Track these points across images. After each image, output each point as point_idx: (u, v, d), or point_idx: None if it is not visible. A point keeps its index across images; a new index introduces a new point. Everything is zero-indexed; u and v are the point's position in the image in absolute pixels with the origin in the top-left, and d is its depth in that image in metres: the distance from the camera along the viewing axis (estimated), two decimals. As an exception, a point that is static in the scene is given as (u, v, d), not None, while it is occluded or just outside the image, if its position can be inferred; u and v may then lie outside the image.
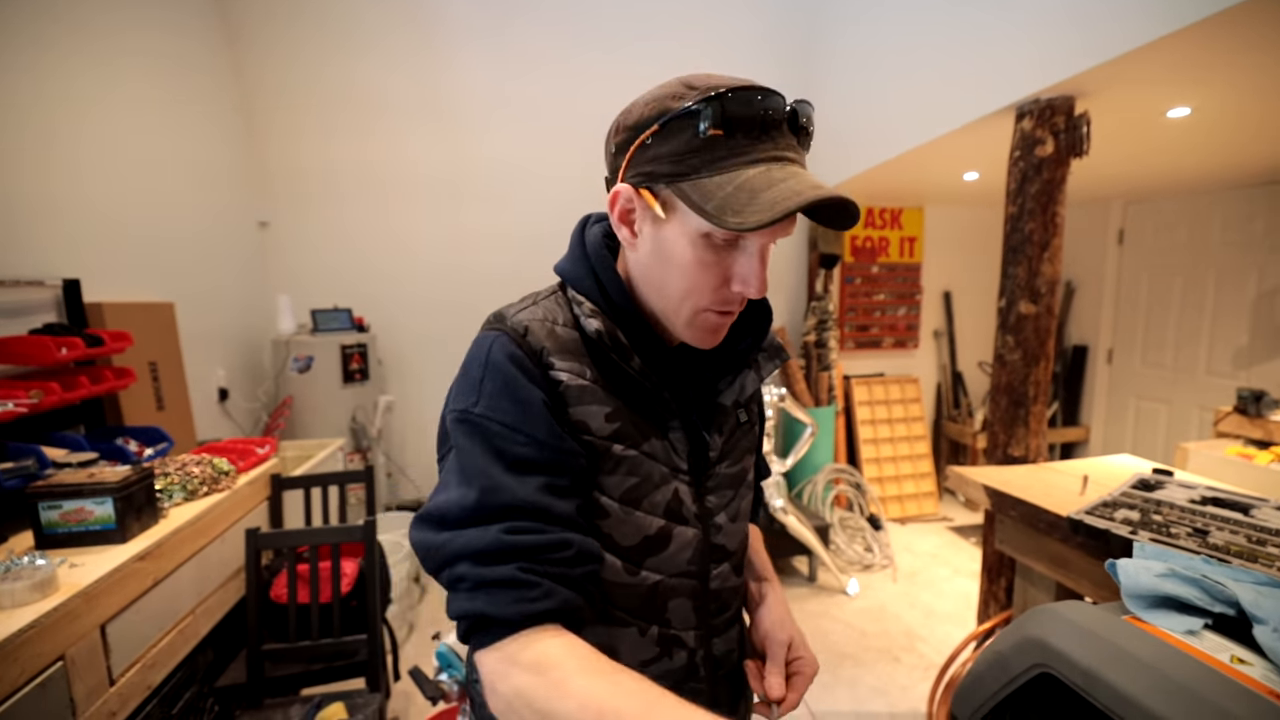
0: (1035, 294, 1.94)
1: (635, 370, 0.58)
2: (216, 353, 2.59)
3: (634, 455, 0.58)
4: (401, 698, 2.03)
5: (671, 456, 0.60)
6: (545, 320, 0.58)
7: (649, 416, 0.59)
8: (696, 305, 0.55)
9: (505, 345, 0.55)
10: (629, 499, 0.57)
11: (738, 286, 0.53)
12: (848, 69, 3.01)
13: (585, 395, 0.56)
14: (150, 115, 2.21)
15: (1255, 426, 2.15)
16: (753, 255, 0.52)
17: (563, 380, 0.55)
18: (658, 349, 0.61)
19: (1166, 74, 1.65)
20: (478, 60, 3.14)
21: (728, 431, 0.64)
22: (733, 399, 0.63)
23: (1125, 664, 0.50)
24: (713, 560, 0.63)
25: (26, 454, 1.36)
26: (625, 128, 0.54)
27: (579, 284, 0.61)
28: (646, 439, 0.58)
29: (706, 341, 0.58)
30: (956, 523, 3.59)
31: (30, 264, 1.64)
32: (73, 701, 1.02)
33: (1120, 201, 3.69)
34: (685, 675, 0.62)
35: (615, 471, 0.57)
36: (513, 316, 0.58)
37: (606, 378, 0.58)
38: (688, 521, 0.60)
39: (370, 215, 3.15)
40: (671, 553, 0.60)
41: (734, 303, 0.55)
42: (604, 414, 0.56)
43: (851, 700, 2.07)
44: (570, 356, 0.56)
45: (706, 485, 0.62)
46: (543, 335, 0.56)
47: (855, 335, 3.89)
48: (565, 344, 0.57)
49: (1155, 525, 1.19)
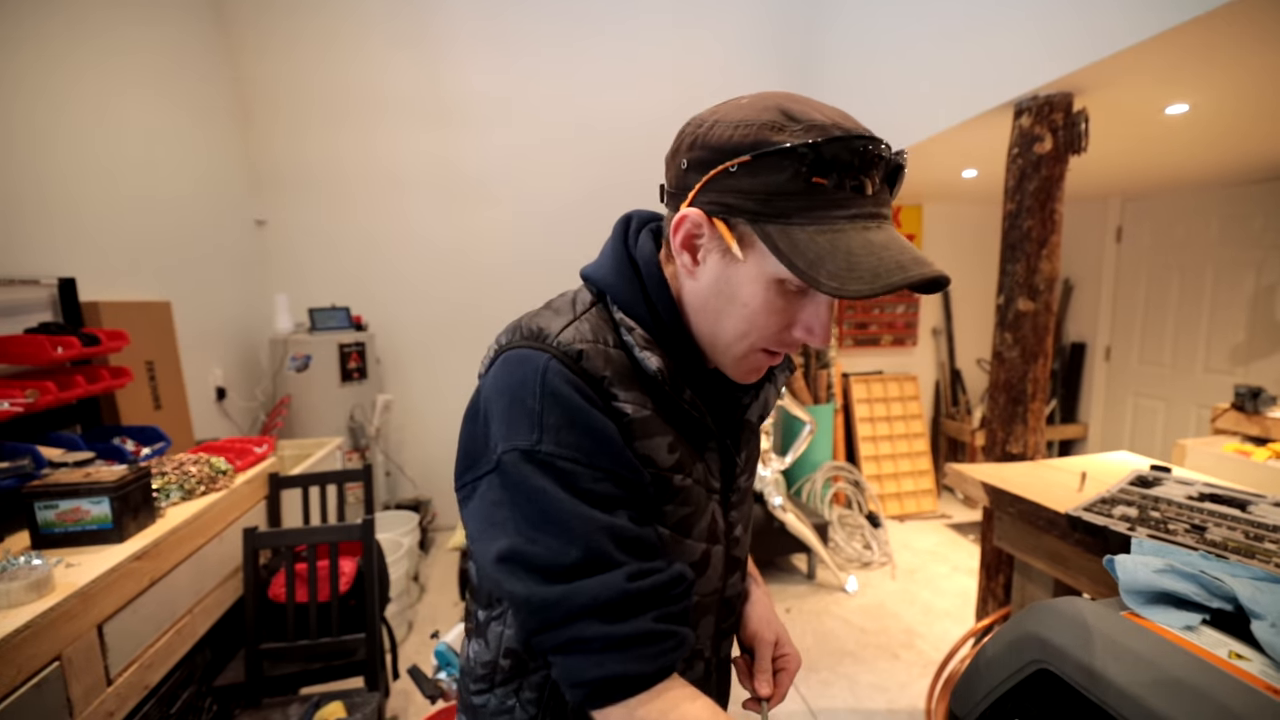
0: (1034, 291, 1.94)
1: (687, 402, 0.56)
2: (214, 352, 2.58)
3: (690, 485, 0.56)
4: (400, 696, 2.03)
5: (709, 478, 0.59)
6: (597, 343, 0.53)
7: (694, 442, 0.58)
8: (752, 346, 0.53)
9: (561, 372, 0.49)
10: (681, 527, 0.56)
11: (799, 333, 0.51)
12: (846, 65, 3.01)
13: (650, 427, 0.52)
14: (146, 113, 2.20)
15: (1252, 423, 2.16)
16: (822, 305, 0.50)
17: (628, 413, 0.51)
18: (700, 375, 0.59)
19: (1165, 70, 1.65)
20: (476, 57, 3.13)
21: (750, 446, 0.65)
22: (757, 414, 0.63)
23: (1124, 660, 0.50)
24: (730, 572, 0.63)
25: (22, 453, 1.36)
26: (706, 146, 0.48)
27: (629, 307, 0.55)
28: (694, 465, 0.57)
29: (750, 379, 0.57)
30: (955, 520, 3.60)
31: (26, 263, 1.64)
32: (70, 701, 1.01)
33: (1118, 199, 3.69)
34: (701, 683, 0.63)
35: (673, 501, 0.55)
36: (557, 335, 0.52)
37: (661, 407, 0.55)
38: (719, 540, 0.60)
39: (368, 213, 3.14)
40: (709, 576, 0.60)
41: (791, 346, 0.53)
42: (666, 445, 0.54)
43: (851, 697, 2.07)
44: (630, 385, 0.52)
45: (731, 501, 0.62)
46: (600, 363, 0.51)
47: (854, 333, 3.89)
48: (621, 371, 0.53)
49: (1153, 522, 1.19)
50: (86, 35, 1.92)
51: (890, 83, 2.60)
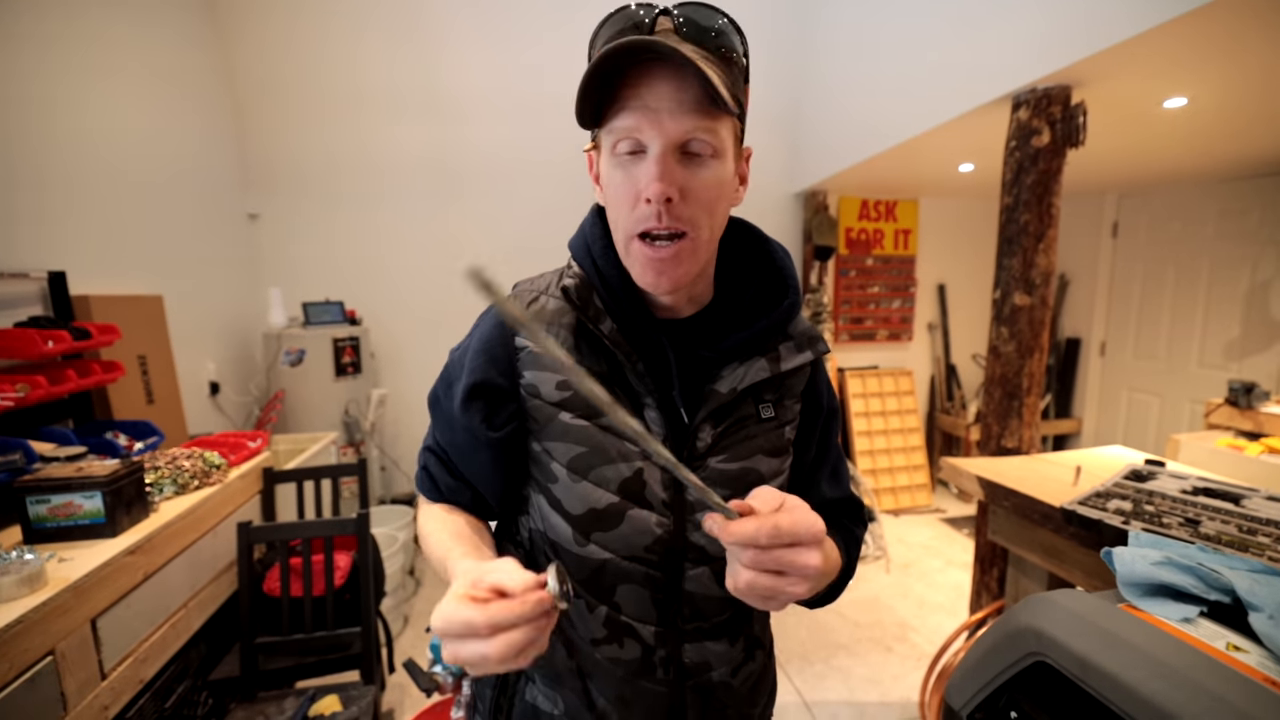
0: (1030, 285, 1.94)
1: (606, 336, 0.57)
2: (207, 346, 2.56)
3: (583, 425, 0.57)
4: (396, 690, 2.03)
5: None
6: (534, 289, 0.63)
7: (617, 389, 0.58)
8: (626, 233, 0.54)
9: (494, 314, 0.62)
10: (575, 468, 0.58)
11: (642, 198, 0.51)
12: (842, 59, 3.00)
13: (541, 361, 0.59)
14: (137, 105, 2.17)
15: (1246, 418, 2.17)
16: (651, 157, 0.50)
17: (527, 346, 0.60)
18: (644, 319, 0.59)
19: (1164, 63, 1.64)
20: (469, 51, 3.11)
21: (728, 423, 0.59)
22: (730, 386, 0.58)
23: (1121, 652, 0.50)
24: (687, 560, 0.59)
25: (13, 448, 1.34)
26: None
27: (572, 246, 0.63)
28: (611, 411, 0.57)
29: (650, 280, 0.54)
30: (949, 514, 3.62)
31: (14, 256, 1.62)
32: (64, 696, 1.01)
33: (1114, 194, 3.70)
34: (640, 670, 0.60)
35: (563, 438, 0.58)
36: (515, 285, 0.65)
37: (574, 346, 0.59)
38: (651, 507, 0.57)
39: (362, 207, 3.12)
40: (623, 533, 0.57)
41: (648, 219, 0.51)
42: (555, 381, 0.58)
43: (845, 690, 2.08)
44: (540, 324, 0.60)
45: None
46: (524, 301, 0.62)
47: (849, 328, 3.89)
48: (541, 311, 0.61)
49: (1147, 515, 1.20)
50: (79, 29, 1.89)
51: (887, 75, 2.59)
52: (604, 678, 0.61)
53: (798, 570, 0.43)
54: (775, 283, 0.63)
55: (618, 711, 0.61)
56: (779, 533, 0.42)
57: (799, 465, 0.66)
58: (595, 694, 0.62)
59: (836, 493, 0.69)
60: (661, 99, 0.49)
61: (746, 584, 0.43)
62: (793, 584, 0.43)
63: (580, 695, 0.63)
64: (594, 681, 0.62)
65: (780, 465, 0.63)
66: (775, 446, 0.62)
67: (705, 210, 0.52)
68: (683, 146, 0.50)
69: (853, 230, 3.79)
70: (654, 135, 0.49)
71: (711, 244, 0.56)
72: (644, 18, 0.51)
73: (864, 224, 3.80)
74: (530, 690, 0.66)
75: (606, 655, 0.60)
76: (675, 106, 0.49)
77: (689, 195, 0.51)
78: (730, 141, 0.53)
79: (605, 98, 0.52)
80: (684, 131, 0.49)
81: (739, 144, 0.57)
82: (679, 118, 0.49)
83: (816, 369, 0.67)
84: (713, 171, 0.52)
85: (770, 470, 0.62)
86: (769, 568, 0.43)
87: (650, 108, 0.49)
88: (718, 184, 0.52)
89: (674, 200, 0.50)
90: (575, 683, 0.63)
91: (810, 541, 0.43)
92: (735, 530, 0.42)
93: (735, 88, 0.52)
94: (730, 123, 0.53)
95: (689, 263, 0.54)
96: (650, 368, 0.58)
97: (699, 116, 0.49)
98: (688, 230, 0.52)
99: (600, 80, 0.49)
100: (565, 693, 0.63)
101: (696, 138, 0.50)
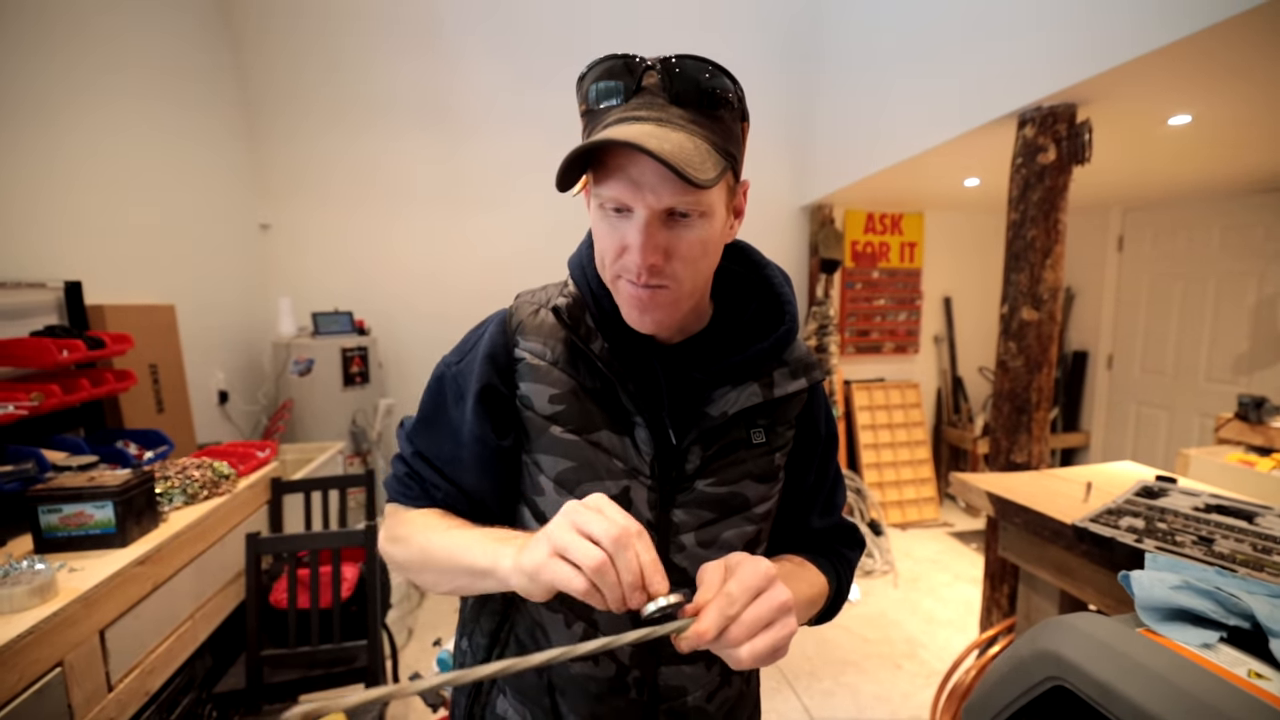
0: (1038, 300, 1.94)
1: (597, 356, 0.58)
2: (217, 355, 2.58)
3: (573, 440, 0.58)
4: (401, 704, 2.02)
5: (630, 454, 0.58)
6: (535, 302, 0.64)
7: (608, 408, 0.59)
8: (613, 272, 0.55)
9: (495, 320, 0.63)
10: (563, 482, 0.58)
11: (626, 252, 0.53)
12: (850, 75, 3.03)
13: (538, 374, 0.60)
14: (152, 117, 2.20)
15: (1256, 433, 2.15)
16: (636, 223, 0.51)
17: (524, 357, 0.60)
18: (637, 341, 0.60)
19: (1169, 82, 1.66)
20: (482, 64, 3.15)
21: (718, 447, 0.60)
22: (721, 410, 0.58)
23: (1141, 677, 0.50)
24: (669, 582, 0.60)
25: (26, 457, 1.35)
26: None
27: (570, 265, 0.65)
28: (598, 429, 0.58)
29: (634, 318, 0.56)
30: (957, 528, 3.58)
31: (32, 266, 1.64)
32: (70, 708, 1.01)
33: (1120, 208, 3.70)
34: (612, 688, 0.60)
35: (552, 451, 0.59)
36: (518, 296, 0.65)
37: (569, 362, 0.60)
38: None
39: (372, 218, 3.15)
40: None
41: (630, 274, 0.53)
42: (549, 394, 0.59)
43: (854, 708, 2.06)
44: (538, 337, 0.61)
45: (675, 498, 0.59)
46: (524, 315, 0.62)
47: (856, 340, 3.89)
48: (541, 325, 0.61)
49: (1160, 533, 1.19)
50: (92, 42, 1.92)
51: (894, 92, 2.62)
52: (576, 694, 0.61)
53: (777, 612, 0.45)
54: (772, 308, 0.63)
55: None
56: (733, 599, 0.44)
57: (794, 491, 0.66)
58: (565, 710, 0.62)
59: (828, 522, 0.69)
60: (645, 174, 0.49)
61: (750, 656, 0.44)
62: (782, 626, 0.45)
63: (549, 712, 0.63)
64: (565, 698, 0.62)
65: (768, 491, 0.63)
66: (764, 472, 0.62)
67: (689, 266, 0.53)
68: (668, 212, 0.51)
69: (859, 243, 3.80)
70: (639, 205, 0.50)
71: (696, 291, 0.57)
72: (632, 69, 0.51)
73: (870, 237, 3.82)
74: (501, 703, 0.66)
75: (581, 672, 0.60)
76: (658, 183, 0.49)
77: (673, 255, 0.52)
78: (720, 197, 0.54)
79: (590, 162, 0.53)
80: (667, 205, 0.50)
81: (733, 187, 0.57)
82: (662, 193, 0.49)
83: (815, 395, 0.67)
84: (698, 232, 0.52)
85: (757, 495, 0.62)
86: (754, 629, 0.44)
87: (634, 181, 0.50)
88: (702, 242, 0.53)
89: (659, 265, 0.52)
90: (544, 699, 0.63)
91: (766, 584, 0.45)
92: (705, 628, 0.43)
93: (728, 140, 0.52)
94: (720, 183, 0.53)
95: (670, 308, 0.55)
96: (641, 388, 0.59)
97: (682, 191, 0.49)
98: (669, 284, 0.54)
99: (578, 166, 0.51)
100: (534, 707, 0.63)
101: (680, 207, 0.50)
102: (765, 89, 3.42)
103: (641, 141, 0.46)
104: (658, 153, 0.46)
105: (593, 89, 0.52)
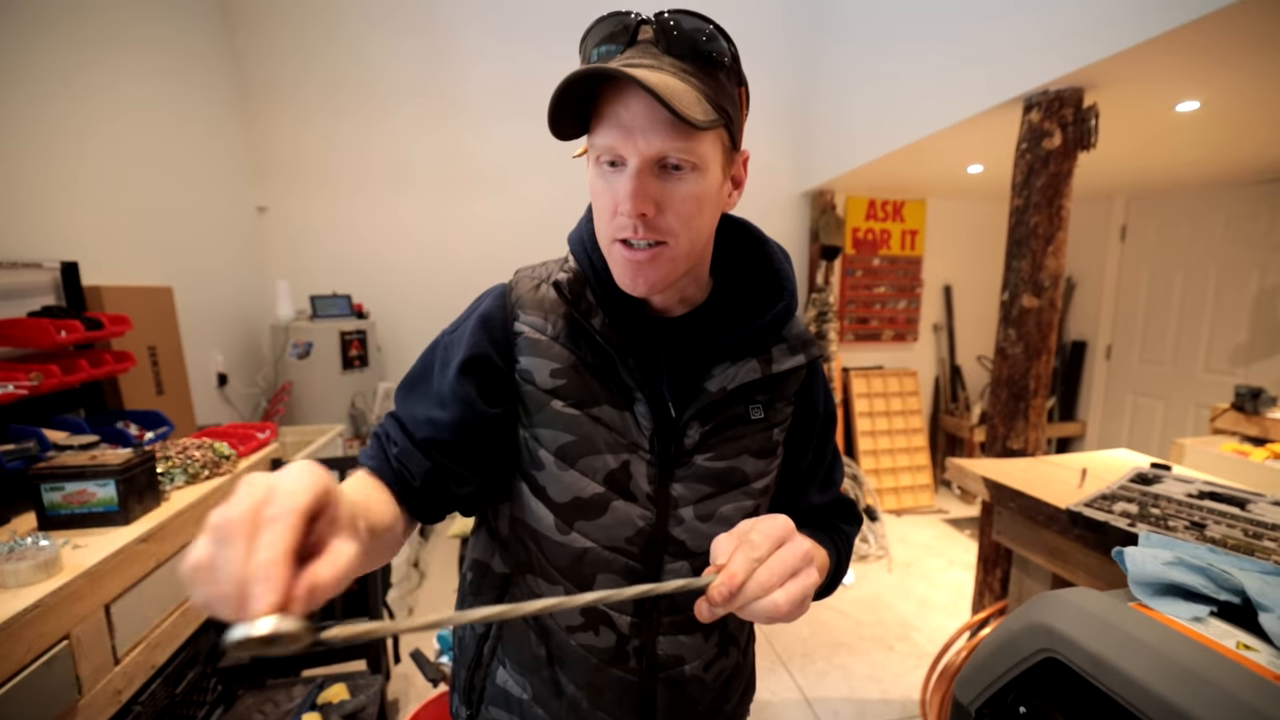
0: (1039, 288, 1.94)
1: (597, 331, 0.58)
2: (215, 338, 2.57)
3: (574, 414, 0.58)
4: (401, 680, 2.05)
5: (630, 429, 0.58)
6: (535, 277, 0.63)
7: (609, 382, 0.59)
8: (608, 234, 0.55)
9: (493, 294, 0.63)
10: (564, 455, 0.58)
11: (619, 209, 0.52)
12: (854, 59, 2.99)
13: (538, 348, 0.59)
14: (148, 97, 2.18)
15: (1252, 424, 2.17)
16: (627, 173, 0.51)
17: (523, 331, 0.60)
18: (637, 315, 0.60)
19: (1178, 67, 1.64)
20: (480, 47, 3.11)
21: (717, 422, 0.60)
22: (719, 385, 0.59)
23: (1132, 649, 0.51)
24: (667, 553, 0.60)
25: (27, 436, 1.36)
26: None
27: (570, 240, 0.64)
28: (598, 404, 0.59)
29: (627, 282, 0.55)
30: (951, 515, 3.62)
31: (28, 246, 1.63)
32: (79, 679, 1.02)
33: (1123, 198, 3.69)
34: (613, 658, 0.61)
35: (552, 426, 0.59)
36: (517, 271, 0.65)
37: (569, 336, 0.60)
38: (635, 499, 0.59)
39: (369, 201, 3.13)
40: (606, 523, 0.58)
41: (624, 229, 0.53)
42: (550, 369, 0.59)
43: (846, 687, 2.09)
44: (538, 311, 0.61)
45: (674, 472, 0.59)
46: (524, 290, 0.62)
47: (855, 328, 3.89)
48: (542, 300, 0.61)
49: (1153, 518, 1.20)
50: (88, 20, 1.89)
51: (899, 76, 2.59)
52: (576, 665, 0.62)
53: (802, 560, 0.43)
54: (771, 284, 0.63)
55: (587, 698, 0.62)
56: (757, 545, 0.43)
57: (791, 468, 0.67)
58: (564, 681, 0.63)
59: (826, 497, 0.70)
60: (636, 117, 0.49)
61: (787, 601, 0.42)
62: (806, 576, 0.44)
63: (549, 683, 0.64)
64: (564, 669, 0.63)
65: (766, 466, 0.63)
66: (762, 448, 0.63)
67: (683, 222, 0.53)
68: (659, 161, 0.51)
69: (859, 230, 3.79)
70: (630, 152, 0.50)
71: (693, 253, 0.56)
72: (628, 24, 0.51)
73: (871, 224, 3.80)
74: (501, 674, 0.67)
75: (581, 642, 0.61)
76: (649, 125, 0.49)
77: (666, 208, 0.52)
78: (714, 152, 0.53)
79: (586, 109, 0.52)
80: (658, 150, 0.50)
81: (730, 150, 0.56)
82: (652, 138, 0.49)
83: (813, 373, 0.67)
84: (691, 186, 0.52)
85: (755, 471, 0.62)
86: (783, 576, 0.42)
87: (625, 126, 0.49)
88: (696, 197, 0.53)
89: (650, 215, 0.52)
90: (544, 670, 0.64)
91: (787, 535, 0.44)
92: (734, 572, 0.41)
93: (720, 96, 0.52)
94: (714, 135, 0.52)
95: (666, 268, 0.55)
96: (641, 363, 0.59)
97: (674, 135, 0.49)
98: (666, 240, 0.53)
99: (574, 97, 0.50)
100: (533, 678, 0.64)
101: (672, 155, 0.50)
102: (767, 72, 3.39)
103: (629, 73, 0.46)
104: (644, 81, 0.45)
105: (592, 49, 0.53)
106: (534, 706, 0.65)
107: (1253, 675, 0.46)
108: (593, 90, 0.51)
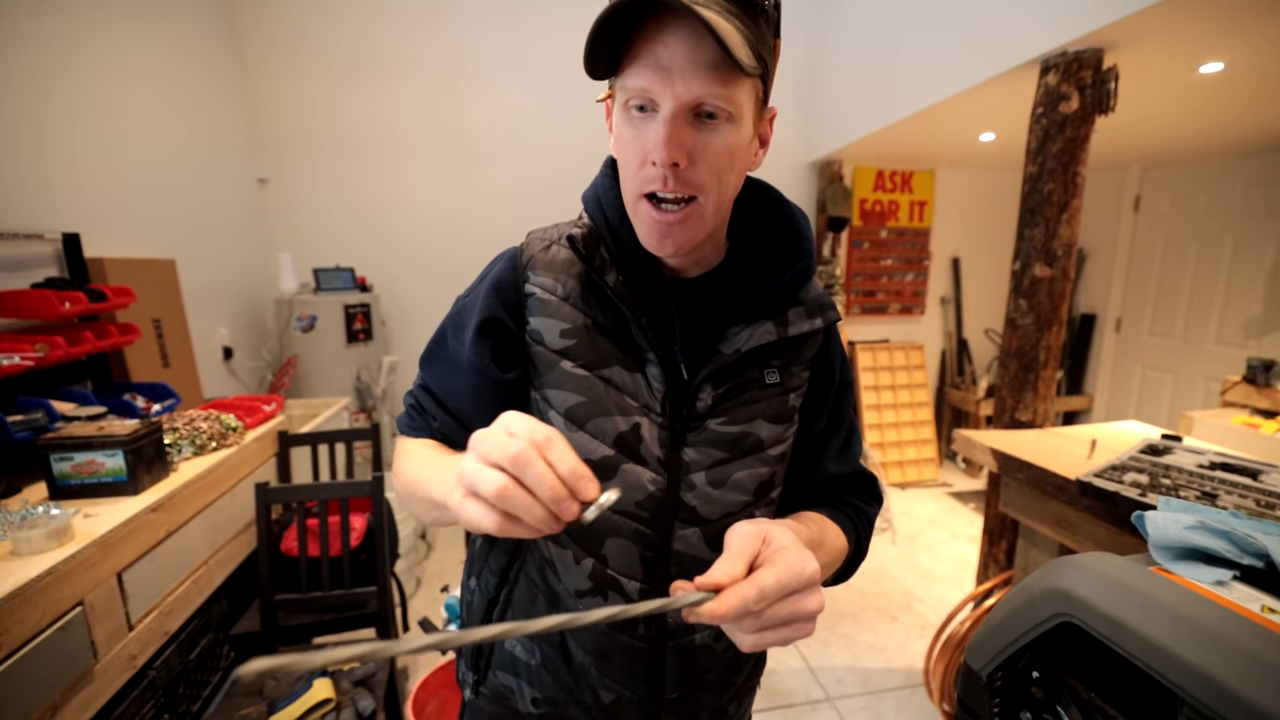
0: (1051, 257, 1.90)
1: (610, 288, 0.56)
2: (219, 311, 2.57)
3: (584, 375, 0.57)
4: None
5: (641, 391, 0.57)
6: (546, 238, 0.62)
7: (620, 343, 0.58)
8: (634, 191, 0.52)
9: (505, 256, 0.62)
10: (573, 417, 0.57)
11: (649, 159, 0.49)
12: (864, 22, 2.89)
13: (548, 309, 0.59)
14: (148, 68, 2.13)
15: (1263, 396, 2.14)
16: (660, 118, 0.48)
17: (535, 292, 0.59)
18: (652, 274, 0.59)
19: (1204, 24, 1.58)
20: (484, 17, 3.02)
21: (731, 386, 0.58)
22: (734, 348, 0.57)
23: (1152, 612, 0.50)
24: (678, 519, 0.58)
25: (35, 407, 1.36)
26: None
27: (584, 197, 0.62)
28: (609, 365, 0.57)
29: (654, 243, 0.53)
30: (956, 488, 3.63)
31: (29, 217, 1.61)
32: (94, 644, 1.04)
33: (1138, 167, 3.60)
34: (622, 624, 0.60)
35: (562, 386, 0.58)
36: (530, 233, 0.64)
37: (580, 297, 0.58)
38: (646, 463, 0.57)
39: (372, 173, 3.08)
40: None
41: (654, 181, 0.50)
42: (560, 329, 0.58)
43: (849, 656, 2.12)
44: (549, 272, 0.60)
45: (686, 436, 0.58)
46: (535, 250, 0.61)
47: (861, 300, 3.85)
48: (553, 260, 0.60)
49: (1164, 488, 1.19)
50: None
51: (912, 38, 2.50)
52: (584, 630, 0.61)
53: (801, 617, 0.41)
54: (790, 246, 0.61)
55: (596, 665, 0.62)
56: (764, 596, 0.39)
57: (807, 435, 0.65)
58: (573, 647, 0.63)
59: (844, 468, 0.67)
60: (675, 57, 0.46)
61: (752, 647, 0.41)
62: (797, 629, 0.41)
63: (557, 648, 0.63)
64: (573, 634, 0.63)
65: (783, 433, 0.61)
66: (778, 413, 0.61)
67: (715, 176, 0.50)
68: (695, 108, 0.48)
69: (868, 201, 3.72)
70: (665, 96, 0.47)
71: (720, 210, 0.54)
72: None
73: (879, 195, 3.73)
74: (509, 639, 0.66)
75: (589, 608, 0.60)
76: (689, 67, 0.46)
77: (698, 160, 0.49)
78: (749, 104, 0.50)
79: (619, 48, 0.49)
80: (696, 95, 0.47)
81: (761, 104, 0.53)
82: (691, 81, 0.46)
83: (830, 338, 0.65)
84: (725, 137, 0.49)
85: (771, 436, 0.60)
86: (770, 625, 0.40)
87: (663, 66, 0.46)
88: (729, 150, 0.50)
89: (681, 165, 0.49)
90: (554, 635, 0.63)
91: (802, 588, 0.41)
92: (723, 610, 0.39)
93: (760, 44, 0.48)
94: (750, 84, 0.49)
95: (695, 228, 0.52)
96: (654, 322, 0.58)
97: (714, 80, 0.46)
98: (696, 194, 0.51)
99: (611, 30, 0.47)
100: (542, 644, 0.64)
101: (710, 102, 0.47)
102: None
103: (684, 1, 0.43)
104: (700, 13, 0.42)
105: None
106: (541, 672, 0.64)
107: (1277, 637, 0.45)
108: (630, 26, 0.48)
